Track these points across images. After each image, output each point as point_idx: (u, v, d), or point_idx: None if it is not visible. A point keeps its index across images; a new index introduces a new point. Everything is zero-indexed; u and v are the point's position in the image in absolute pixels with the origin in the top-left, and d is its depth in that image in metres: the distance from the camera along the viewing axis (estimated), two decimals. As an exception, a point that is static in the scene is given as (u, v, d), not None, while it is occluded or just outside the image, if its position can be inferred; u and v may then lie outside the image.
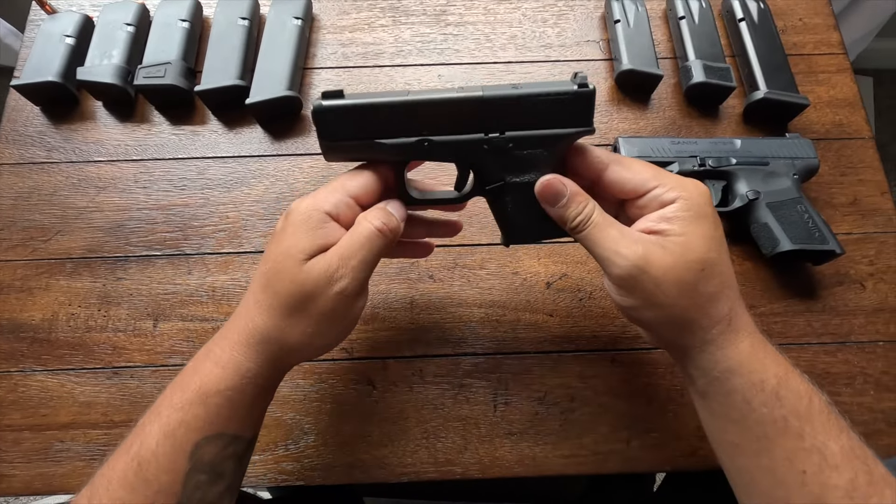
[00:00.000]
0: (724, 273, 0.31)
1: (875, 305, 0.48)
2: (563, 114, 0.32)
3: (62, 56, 0.53)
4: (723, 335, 0.31)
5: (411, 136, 0.32)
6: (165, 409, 0.31)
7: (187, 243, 0.50)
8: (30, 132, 0.54)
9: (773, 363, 0.31)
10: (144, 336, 0.47)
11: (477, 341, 0.46)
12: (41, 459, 0.43)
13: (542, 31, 0.59)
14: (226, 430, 0.31)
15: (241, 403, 0.32)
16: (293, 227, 0.31)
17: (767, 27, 0.56)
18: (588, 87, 0.32)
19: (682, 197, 0.31)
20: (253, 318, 0.32)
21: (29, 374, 0.46)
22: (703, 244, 0.30)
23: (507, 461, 0.43)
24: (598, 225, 0.32)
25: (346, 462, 0.43)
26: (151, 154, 0.53)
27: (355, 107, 0.31)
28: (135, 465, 0.30)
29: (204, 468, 0.31)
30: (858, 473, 0.28)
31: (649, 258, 0.30)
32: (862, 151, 0.53)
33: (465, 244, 0.49)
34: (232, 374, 0.31)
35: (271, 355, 0.32)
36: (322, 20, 0.59)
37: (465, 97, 0.31)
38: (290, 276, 0.30)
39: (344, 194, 0.32)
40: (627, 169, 0.32)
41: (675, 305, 0.30)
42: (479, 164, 0.34)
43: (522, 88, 0.31)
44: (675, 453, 0.43)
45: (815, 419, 0.29)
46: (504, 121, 0.32)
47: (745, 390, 0.30)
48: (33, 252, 0.49)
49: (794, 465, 0.29)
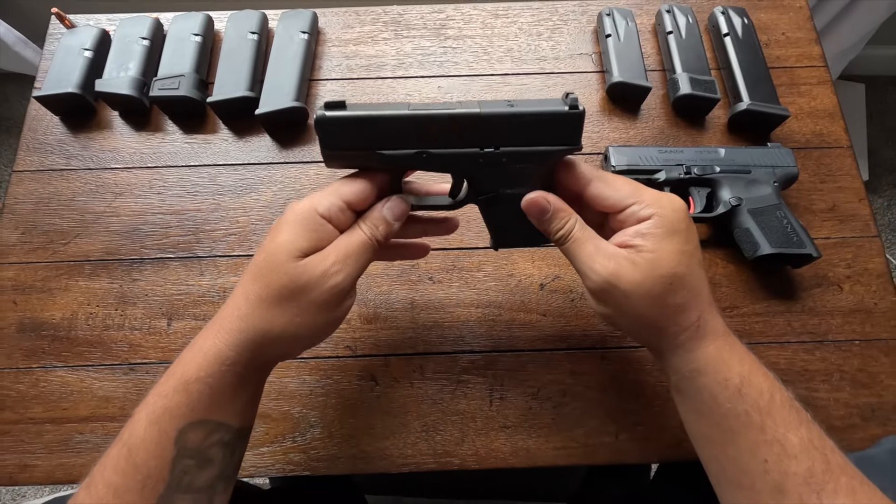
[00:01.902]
0: (693, 285, 0.34)
1: (852, 306, 0.50)
2: (554, 132, 0.34)
3: (81, 68, 0.55)
4: (691, 340, 0.34)
5: (410, 148, 0.34)
6: (152, 397, 0.33)
7: (199, 246, 0.52)
8: (50, 141, 0.56)
9: (738, 363, 0.33)
10: (159, 334, 0.49)
11: (474, 340, 0.49)
12: (62, 451, 0.46)
13: (538, 45, 0.62)
14: (208, 417, 0.33)
15: (221, 391, 0.33)
16: (289, 226, 0.33)
17: (751, 41, 0.58)
18: (578, 108, 0.34)
19: (656, 214, 0.33)
20: (239, 306, 0.33)
21: (50, 370, 0.48)
22: (672, 259, 0.33)
23: (503, 453, 0.46)
24: (577, 240, 0.35)
25: (351, 453, 0.46)
26: (165, 161, 0.56)
27: (357, 118, 0.32)
28: (125, 451, 0.32)
29: (190, 453, 0.32)
30: (815, 462, 0.31)
31: (619, 273, 0.33)
32: (840, 160, 0.56)
33: (463, 248, 0.52)
34: (212, 361, 0.32)
35: (251, 343, 0.33)
36: (327, 34, 0.62)
37: (463, 113, 0.33)
38: (283, 269, 0.32)
39: (338, 198, 0.33)
40: (608, 185, 0.35)
41: (644, 315, 0.33)
42: (473, 175, 0.36)
43: (517, 107, 0.33)
44: (661, 445, 0.46)
45: (775, 413, 0.32)
46: (499, 136, 0.34)
47: (712, 388, 0.33)
48: (53, 254, 0.52)
49: (757, 454, 0.32)
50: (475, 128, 0.33)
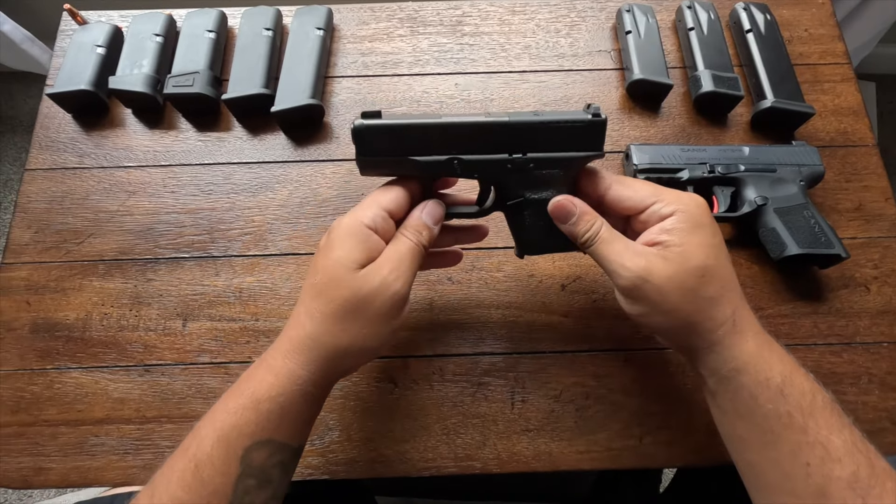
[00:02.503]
0: (725, 277, 0.34)
1: (880, 307, 0.49)
2: (578, 139, 0.36)
3: (93, 65, 0.55)
4: (728, 336, 0.33)
5: (442, 155, 0.35)
6: (220, 413, 0.33)
7: (214, 246, 0.52)
8: (62, 139, 0.56)
9: (779, 362, 0.33)
10: (174, 335, 0.48)
11: (495, 341, 0.48)
12: (77, 453, 0.45)
13: (556, 42, 0.61)
14: (274, 437, 0.33)
15: (290, 410, 0.33)
16: (340, 241, 0.33)
17: (774, 38, 0.57)
18: (601, 117, 0.36)
19: (679, 210, 0.34)
20: (304, 325, 0.34)
21: (64, 372, 0.47)
22: (701, 252, 0.33)
23: (525, 456, 0.45)
24: (605, 240, 0.35)
25: (369, 457, 0.45)
26: (179, 160, 0.55)
27: (392, 126, 0.34)
28: (192, 466, 0.31)
29: (253, 472, 0.32)
30: (860, 466, 0.30)
31: (651, 269, 0.33)
32: (866, 158, 0.55)
33: (482, 248, 0.51)
34: (284, 381, 0.33)
35: (323, 361, 0.33)
36: (343, 30, 0.61)
37: (493, 122, 0.35)
38: (345, 284, 0.33)
39: (379, 209, 0.34)
40: (628, 187, 0.36)
41: (679, 311, 0.33)
42: (502, 181, 0.37)
43: (543, 116, 0.35)
44: (686, 449, 0.45)
45: (818, 415, 0.31)
46: (526, 143, 0.36)
47: (752, 387, 0.32)
48: (67, 254, 0.51)
49: (799, 457, 0.31)
50: (504, 135, 0.35)
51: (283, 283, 0.50)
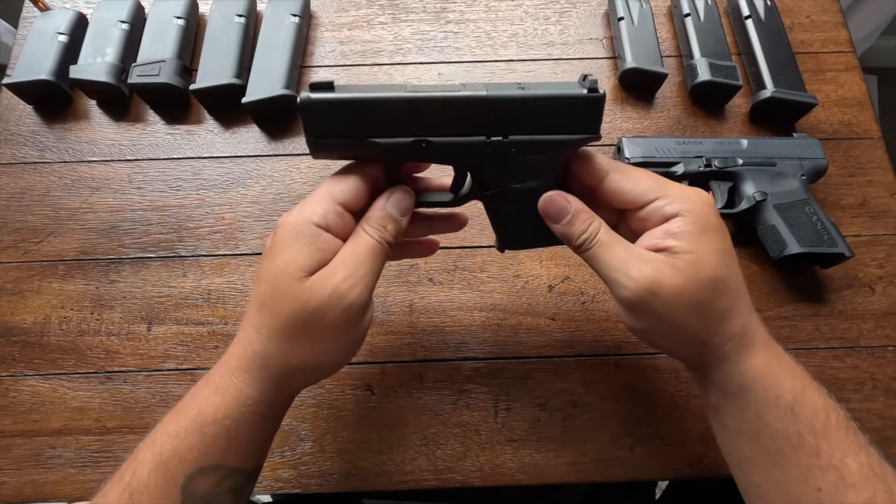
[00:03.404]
0: (736, 288, 0.30)
1: (885, 309, 0.46)
2: (570, 118, 0.30)
3: (55, 54, 0.52)
4: (737, 351, 0.30)
5: (408, 136, 0.29)
6: (161, 436, 0.30)
7: (182, 245, 0.49)
8: (22, 131, 0.53)
9: (790, 377, 0.30)
10: (138, 340, 0.46)
11: (477, 346, 0.45)
12: (32, 466, 0.42)
13: (545, 29, 0.58)
14: (222, 462, 0.30)
15: (239, 433, 0.30)
16: (284, 244, 0.29)
17: (774, 24, 0.55)
18: (598, 91, 0.30)
19: (685, 209, 0.29)
20: (252, 341, 0.30)
21: (20, 379, 0.45)
22: (713, 260, 0.29)
23: (509, 469, 0.42)
24: (605, 244, 0.30)
25: (344, 469, 0.42)
26: (146, 154, 0.52)
27: (346, 101, 0.28)
28: (126, 495, 0.28)
29: (197, 501, 0.29)
30: (878, 493, 0.27)
31: (660, 280, 0.28)
32: (871, 151, 0.52)
33: (465, 246, 0.48)
34: (231, 402, 0.29)
35: (274, 380, 0.30)
36: (320, 17, 0.58)
37: (469, 96, 0.29)
38: (290, 296, 0.28)
39: (331, 202, 0.29)
40: (627, 178, 0.31)
41: (687, 326, 0.29)
42: (479, 167, 0.32)
43: (529, 90, 0.29)
44: (680, 461, 0.42)
45: (832, 436, 0.28)
46: (508, 123, 0.30)
47: (759, 406, 0.29)
48: (25, 254, 0.48)
49: (809, 482, 0.28)
50: (481, 113, 0.29)
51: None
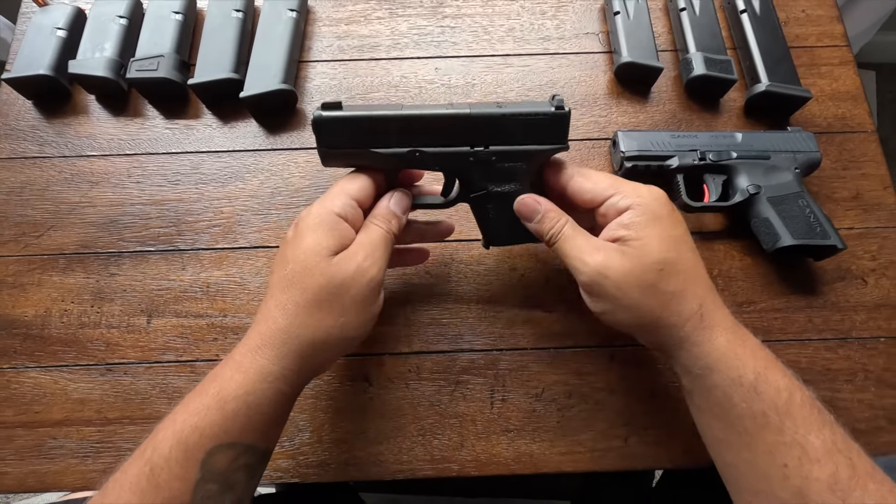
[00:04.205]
0: (688, 270, 0.33)
1: (877, 301, 0.47)
2: (542, 132, 0.36)
3: (54, 49, 0.52)
4: (696, 332, 0.32)
5: (404, 147, 0.35)
6: (181, 414, 0.31)
7: (181, 239, 0.49)
8: (22, 126, 0.53)
9: (752, 358, 0.31)
10: (138, 332, 0.46)
11: (474, 338, 0.46)
12: (34, 457, 0.43)
13: (541, 24, 0.58)
14: (240, 440, 0.31)
15: (259, 410, 0.31)
16: (310, 230, 0.33)
17: (769, 19, 0.55)
18: (564, 109, 0.35)
19: (636, 203, 0.33)
20: (276, 319, 0.32)
21: (22, 371, 0.45)
22: (659, 244, 0.32)
23: (504, 458, 0.43)
24: (567, 237, 0.35)
25: (342, 459, 0.43)
26: (145, 148, 0.52)
27: (353, 118, 0.34)
28: (147, 470, 0.29)
29: (215, 478, 0.30)
30: (840, 467, 0.28)
31: (609, 264, 0.32)
32: (865, 145, 0.52)
33: (461, 240, 0.49)
34: (253, 378, 0.31)
35: (296, 355, 0.32)
36: (317, 12, 0.59)
37: (455, 114, 0.35)
38: (319, 271, 0.31)
39: (347, 197, 0.34)
40: (588, 179, 0.35)
41: (640, 306, 0.32)
42: (464, 173, 0.37)
43: (506, 108, 0.35)
44: (674, 450, 0.43)
45: (795, 413, 0.30)
46: (488, 136, 0.36)
47: (725, 386, 0.31)
48: (25, 248, 0.49)
49: (776, 458, 0.29)
50: (465, 127, 0.35)
51: (252, 278, 0.48)
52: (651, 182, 0.48)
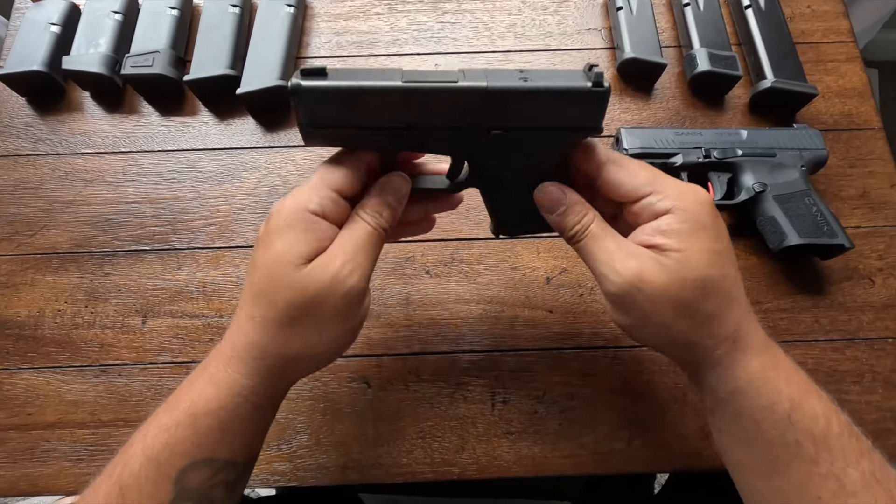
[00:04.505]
0: (729, 290, 0.29)
1: (884, 301, 0.46)
2: (572, 111, 0.29)
3: (47, 45, 0.51)
4: (729, 355, 0.29)
5: (404, 126, 0.28)
6: (152, 429, 0.29)
7: (177, 238, 0.48)
8: (15, 123, 0.52)
9: (787, 384, 0.29)
10: (133, 333, 0.45)
11: (475, 338, 0.45)
12: (26, 459, 0.42)
13: (542, 19, 0.57)
14: (216, 455, 0.29)
15: (233, 425, 0.29)
16: (280, 232, 0.28)
17: (775, 14, 0.54)
18: (603, 86, 0.28)
19: (677, 207, 0.29)
20: (247, 332, 0.29)
21: (14, 372, 0.44)
22: (703, 260, 0.28)
23: (506, 461, 0.42)
24: (595, 236, 0.30)
25: (340, 462, 0.42)
26: (140, 146, 0.52)
27: (340, 90, 0.26)
28: (117, 489, 0.28)
29: (190, 496, 0.28)
30: (878, 500, 0.27)
31: (644, 276, 0.28)
32: (872, 142, 0.52)
33: (462, 238, 0.48)
34: (225, 393, 0.29)
35: (270, 371, 0.29)
36: (315, 8, 0.58)
37: (468, 87, 0.27)
38: (287, 283, 0.27)
39: (326, 189, 0.29)
40: (624, 169, 0.30)
41: (673, 326, 0.29)
42: (476, 157, 0.31)
43: (531, 80, 0.28)
44: (677, 453, 0.42)
45: (832, 443, 0.27)
46: (507, 115, 0.29)
47: (755, 412, 0.28)
48: (18, 247, 0.48)
49: (809, 490, 0.27)
50: (481, 104, 0.28)
51: (249, 277, 0.47)
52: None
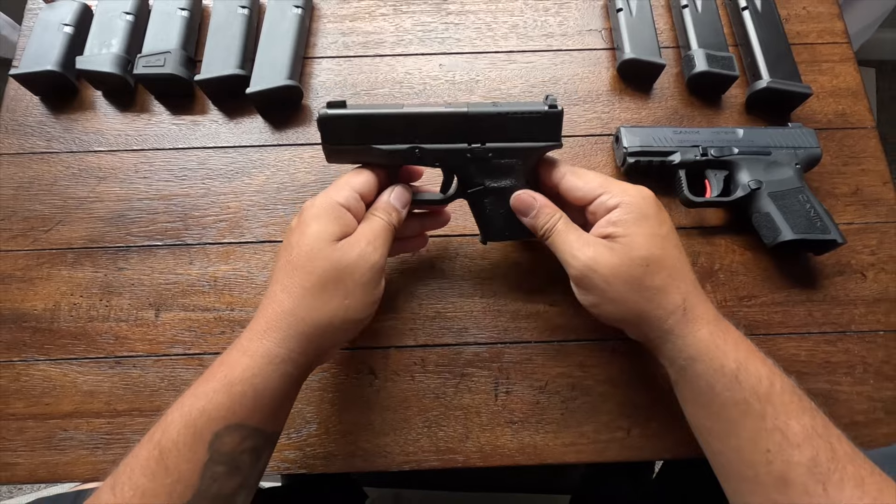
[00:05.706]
0: (673, 266, 0.34)
1: (876, 295, 0.48)
2: (536, 130, 0.37)
3: (61, 45, 0.52)
4: (679, 325, 0.33)
5: (405, 144, 0.37)
6: (189, 398, 0.31)
7: (188, 233, 0.50)
8: (29, 122, 0.53)
9: (733, 348, 0.32)
10: (146, 326, 0.47)
11: (479, 331, 0.46)
12: (45, 448, 0.44)
13: (544, 20, 0.58)
14: (246, 422, 0.31)
15: (265, 393, 0.32)
16: (315, 218, 0.34)
17: (771, 16, 0.55)
18: (557, 107, 0.37)
19: (623, 202, 0.35)
20: (282, 302, 0.33)
21: (32, 364, 0.46)
22: (645, 242, 0.34)
23: (509, 449, 0.44)
24: (560, 232, 0.37)
25: (348, 450, 0.43)
26: (152, 144, 0.53)
27: (356, 116, 0.36)
28: (156, 453, 0.30)
29: (222, 459, 0.31)
30: (820, 451, 0.29)
31: (598, 259, 0.34)
32: (864, 141, 0.53)
33: (466, 234, 0.49)
34: (259, 361, 0.32)
35: (302, 337, 0.33)
36: (322, 9, 0.59)
37: (452, 112, 0.36)
38: (323, 256, 0.33)
39: (351, 189, 0.36)
40: (579, 178, 0.37)
41: (626, 300, 0.34)
42: (462, 169, 0.39)
43: (501, 107, 0.37)
44: (675, 441, 0.44)
45: (775, 400, 0.31)
46: (485, 133, 0.37)
47: (708, 376, 0.32)
48: (34, 242, 0.49)
49: (759, 444, 0.30)
50: (463, 125, 0.37)
51: (259, 272, 0.48)
52: (653, 177, 0.49)
